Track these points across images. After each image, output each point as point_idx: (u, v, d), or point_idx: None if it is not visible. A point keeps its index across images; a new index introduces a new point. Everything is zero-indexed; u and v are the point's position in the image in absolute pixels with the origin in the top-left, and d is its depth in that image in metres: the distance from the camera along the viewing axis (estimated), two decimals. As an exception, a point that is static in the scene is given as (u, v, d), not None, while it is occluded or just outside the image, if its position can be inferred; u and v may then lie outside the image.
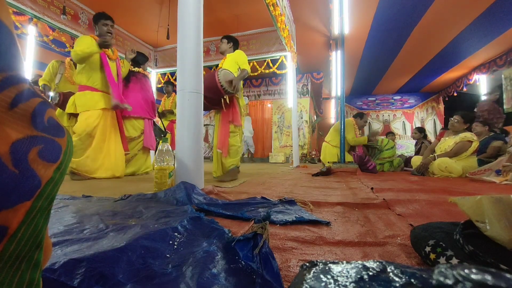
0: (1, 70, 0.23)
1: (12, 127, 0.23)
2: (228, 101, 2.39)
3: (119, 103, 2.55)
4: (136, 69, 3.11)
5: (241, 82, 2.53)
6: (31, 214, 0.25)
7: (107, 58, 2.59)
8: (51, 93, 3.02)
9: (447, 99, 8.13)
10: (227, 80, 2.25)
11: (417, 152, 4.31)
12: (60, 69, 3.14)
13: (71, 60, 3.14)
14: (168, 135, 3.71)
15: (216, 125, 3.26)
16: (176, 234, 0.65)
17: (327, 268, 0.29)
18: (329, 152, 3.80)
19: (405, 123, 8.94)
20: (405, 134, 8.83)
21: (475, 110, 4.49)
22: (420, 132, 4.61)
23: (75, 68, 2.88)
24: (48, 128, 0.26)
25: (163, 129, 3.49)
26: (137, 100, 2.98)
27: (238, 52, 2.56)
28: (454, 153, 2.77)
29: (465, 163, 2.70)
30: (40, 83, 3.16)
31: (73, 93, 2.70)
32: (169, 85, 4.47)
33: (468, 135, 2.79)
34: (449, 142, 2.89)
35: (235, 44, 2.68)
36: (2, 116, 0.23)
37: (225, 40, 2.65)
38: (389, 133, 5.46)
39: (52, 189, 0.27)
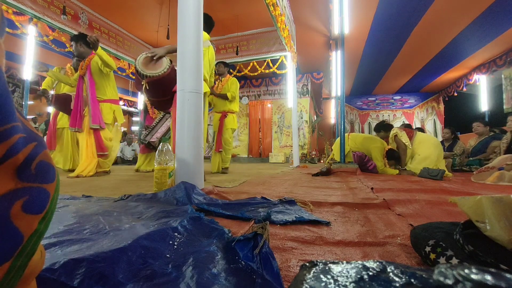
0: None
1: None
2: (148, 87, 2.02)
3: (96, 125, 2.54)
4: None
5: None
6: (9, 276, 0.22)
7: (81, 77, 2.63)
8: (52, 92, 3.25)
9: (447, 99, 8.13)
10: (142, 62, 1.95)
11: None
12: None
13: (71, 66, 3.20)
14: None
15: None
16: (176, 234, 0.65)
17: (327, 268, 0.29)
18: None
19: (405, 123, 8.94)
20: (405, 134, 8.82)
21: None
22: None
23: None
24: (35, 176, 0.24)
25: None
26: None
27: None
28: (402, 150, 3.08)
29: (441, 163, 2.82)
30: (42, 86, 3.34)
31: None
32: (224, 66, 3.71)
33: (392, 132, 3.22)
34: None
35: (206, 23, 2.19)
36: None
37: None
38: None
39: (36, 243, 0.24)
